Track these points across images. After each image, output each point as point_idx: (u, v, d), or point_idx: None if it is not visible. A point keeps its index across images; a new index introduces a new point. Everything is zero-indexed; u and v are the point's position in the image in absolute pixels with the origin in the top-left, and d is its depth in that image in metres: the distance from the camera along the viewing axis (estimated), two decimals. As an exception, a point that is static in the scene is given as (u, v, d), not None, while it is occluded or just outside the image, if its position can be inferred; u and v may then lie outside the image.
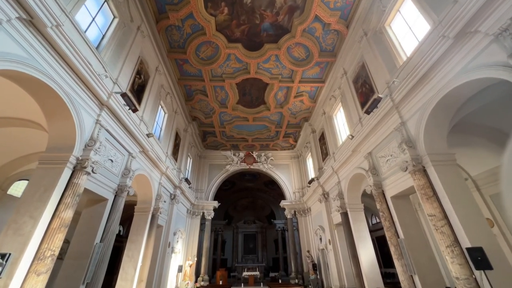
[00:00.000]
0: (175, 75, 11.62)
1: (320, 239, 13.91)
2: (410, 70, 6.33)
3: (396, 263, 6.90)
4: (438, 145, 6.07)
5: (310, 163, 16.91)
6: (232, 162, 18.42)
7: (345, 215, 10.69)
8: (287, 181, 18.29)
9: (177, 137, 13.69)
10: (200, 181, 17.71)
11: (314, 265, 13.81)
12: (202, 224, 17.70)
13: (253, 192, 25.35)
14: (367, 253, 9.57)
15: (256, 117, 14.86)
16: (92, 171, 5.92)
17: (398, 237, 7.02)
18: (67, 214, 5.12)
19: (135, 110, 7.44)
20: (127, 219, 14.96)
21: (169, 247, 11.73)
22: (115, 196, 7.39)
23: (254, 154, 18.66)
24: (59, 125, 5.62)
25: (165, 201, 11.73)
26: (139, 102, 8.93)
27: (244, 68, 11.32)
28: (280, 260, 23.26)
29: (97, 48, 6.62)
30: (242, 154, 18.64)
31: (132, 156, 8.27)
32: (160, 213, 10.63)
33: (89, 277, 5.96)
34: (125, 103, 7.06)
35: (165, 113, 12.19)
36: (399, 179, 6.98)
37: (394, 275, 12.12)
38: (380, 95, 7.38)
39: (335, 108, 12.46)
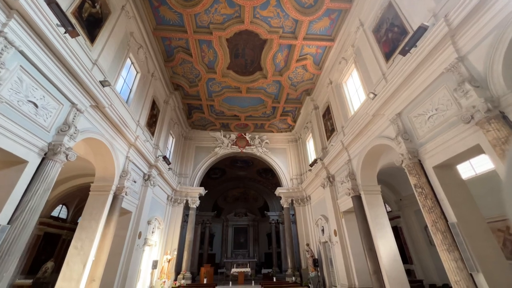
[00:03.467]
0: (149, 23, 9.22)
1: (322, 230, 11.94)
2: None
3: (445, 256, 4.92)
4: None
5: (310, 145, 14.88)
6: (222, 145, 16.17)
7: (357, 199, 8.70)
8: (284, 167, 16.21)
9: (154, 106, 11.32)
10: (184, 165, 15.39)
11: (314, 261, 11.84)
12: (186, 215, 15.47)
13: (245, 182, 23.20)
14: (387, 245, 7.60)
15: (250, 88, 12.64)
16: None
17: (447, 221, 5.03)
18: None
19: (74, 35, 5.09)
20: (81, 200, 12.21)
21: (139, 238, 9.45)
22: (44, 158, 5.06)
23: (247, 136, 16.47)
24: None
25: (134, 181, 9.42)
26: (92, 38, 6.55)
27: (237, 15, 9.05)
28: (273, 255, 21.32)
29: None
30: (233, 136, 16.40)
31: (78, 109, 5.92)
32: (126, 194, 8.33)
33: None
34: (56, 17, 4.70)
35: (137, 72, 9.80)
36: (451, 139, 4.95)
37: (410, 273, 10.31)
38: (426, 23, 5.28)
39: (345, 73, 10.38)
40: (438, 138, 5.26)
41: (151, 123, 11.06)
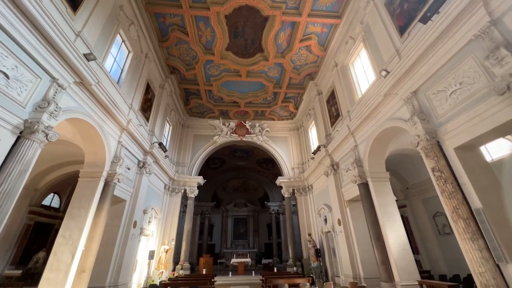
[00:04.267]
0: (140, -4, 8.47)
1: (325, 220, 11.54)
2: None
3: (467, 246, 4.43)
4: None
5: (313, 133, 14.33)
6: (221, 133, 15.58)
7: (364, 186, 8.22)
8: (285, 156, 15.70)
9: (149, 90, 10.68)
10: (182, 153, 14.85)
11: (317, 251, 11.50)
12: (185, 205, 15.05)
13: (245, 172, 22.76)
14: (396, 234, 7.17)
15: (250, 71, 11.95)
16: None
17: (470, 207, 4.54)
18: None
19: (49, -5, 4.42)
20: (73, 189, 11.70)
21: (134, 227, 9.01)
22: (19, 137, 4.49)
23: (247, 124, 15.87)
24: None
25: (128, 168, 8.90)
26: (74, 6, 5.86)
27: (236, -12, 8.30)
28: (273, 245, 21.13)
29: None
30: (233, 124, 15.80)
31: (59, 85, 5.31)
32: (119, 182, 7.82)
33: None
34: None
35: (129, 51, 9.10)
36: (478, 115, 4.39)
37: (416, 263, 9.81)
38: (452, -18, 4.63)
39: (352, 54, 9.70)
40: (462, 115, 4.70)
41: (146, 108, 10.44)
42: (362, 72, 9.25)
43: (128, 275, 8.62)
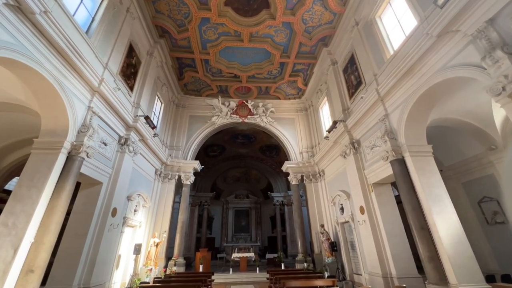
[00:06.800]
0: None
1: (341, 209, 9.90)
2: None
3: None
4: None
5: (325, 112, 12.60)
6: (221, 114, 13.82)
7: (399, 164, 6.52)
8: (292, 139, 13.97)
9: (132, 54, 8.91)
10: (176, 136, 13.13)
11: (332, 244, 9.89)
12: (179, 194, 13.40)
13: (247, 161, 21.05)
14: (447, 223, 5.50)
15: (254, 35, 10.12)
16: None
17: None
18: None
19: None
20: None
21: (113, 216, 7.35)
22: None
23: (250, 104, 14.09)
24: None
25: (105, 144, 7.20)
26: None
27: None
28: (278, 239, 19.59)
29: None
30: (233, 104, 14.03)
31: (-25, 0, 3.56)
32: (88, 156, 6.13)
33: None
34: None
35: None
36: None
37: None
38: None
39: (380, 4, 7.84)
40: None
41: (129, 75, 8.69)
42: (394, 24, 7.45)
43: (105, 273, 7.01)
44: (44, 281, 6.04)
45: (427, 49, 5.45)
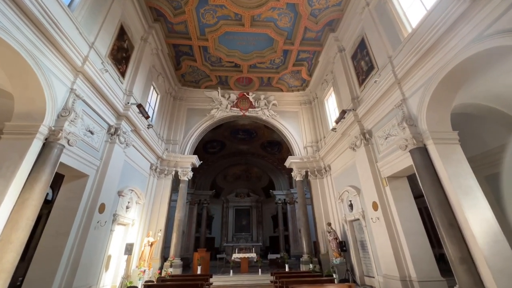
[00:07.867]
0: None
1: (350, 206, 9.18)
2: None
3: None
4: None
5: (330, 104, 11.88)
6: (220, 106, 13.10)
7: (420, 153, 5.79)
8: (296, 133, 13.24)
9: (124, 37, 8.21)
10: (173, 129, 12.41)
11: (340, 244, 9.16)
12: (176, 191, 12.67)
13: (248, 158, 20.32)
14: (481, 219, 4.77)
15: (256, 19, 9.41)
16: None
17: None
18: None
19: None
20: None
21: (101, 212, 6.64)
22: None
23: (251, 97, 13.37)
24: None
25: (91, 132, 6.49)
26: None
27: None
28: (280, 239, 18.86)
29: None
30: (234, 96, 13.30)
31: None
32: (69, 144, 5.41)
33: None
34: None
35: (89, -30, 6.57)
36: None
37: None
38: None
39: (396, -22, 7.13)
40: None
41: (120, 59, 7.98)
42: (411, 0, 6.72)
43: (91, 275, 6.30)
44: (19, 285, 5.38)
45: (457, 18, 4.72)
